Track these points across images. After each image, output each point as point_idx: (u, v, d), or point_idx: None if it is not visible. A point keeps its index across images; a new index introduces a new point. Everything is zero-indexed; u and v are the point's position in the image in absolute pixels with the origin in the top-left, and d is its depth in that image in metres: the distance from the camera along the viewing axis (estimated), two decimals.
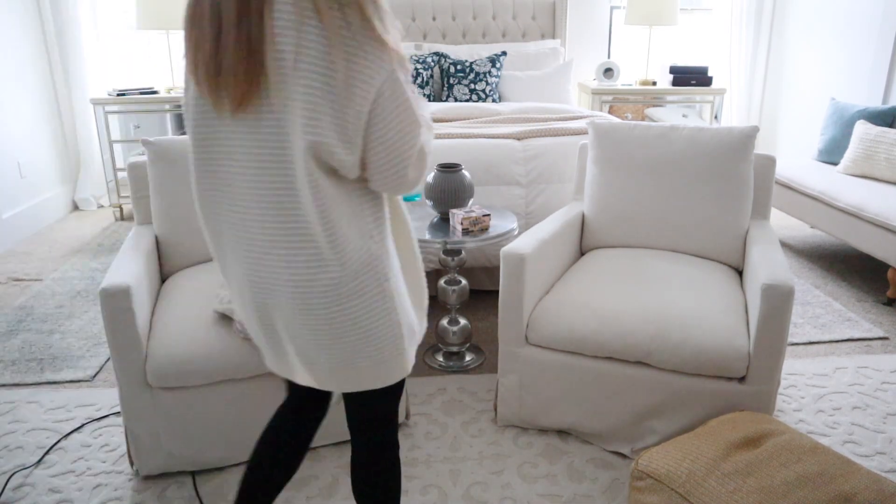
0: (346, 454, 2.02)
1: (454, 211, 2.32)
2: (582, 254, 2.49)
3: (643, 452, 1.63)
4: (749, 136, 2.18)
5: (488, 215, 2.30)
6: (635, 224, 2.32)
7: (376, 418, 1.35)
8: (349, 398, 1.35)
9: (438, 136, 2.99)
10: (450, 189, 2.33)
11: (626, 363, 1.95)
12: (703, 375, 1.87)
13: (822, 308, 3.02)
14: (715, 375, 1.86)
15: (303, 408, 1.45)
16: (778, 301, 1.75)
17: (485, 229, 2.30)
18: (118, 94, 4.43)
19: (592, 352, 1.96)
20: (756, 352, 1.80)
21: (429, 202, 2.42)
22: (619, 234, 2.36)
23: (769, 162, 2.30)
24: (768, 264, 1.89)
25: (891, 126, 3.54)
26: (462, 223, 2.27)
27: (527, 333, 2.06)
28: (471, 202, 2.31)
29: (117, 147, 4.69)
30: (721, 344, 1.82)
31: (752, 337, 1.83)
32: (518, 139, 3.00)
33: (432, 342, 2.73)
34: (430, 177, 2.39)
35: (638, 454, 1.98)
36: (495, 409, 2.19)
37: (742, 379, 1.85)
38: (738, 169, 2.18)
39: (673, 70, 4.79)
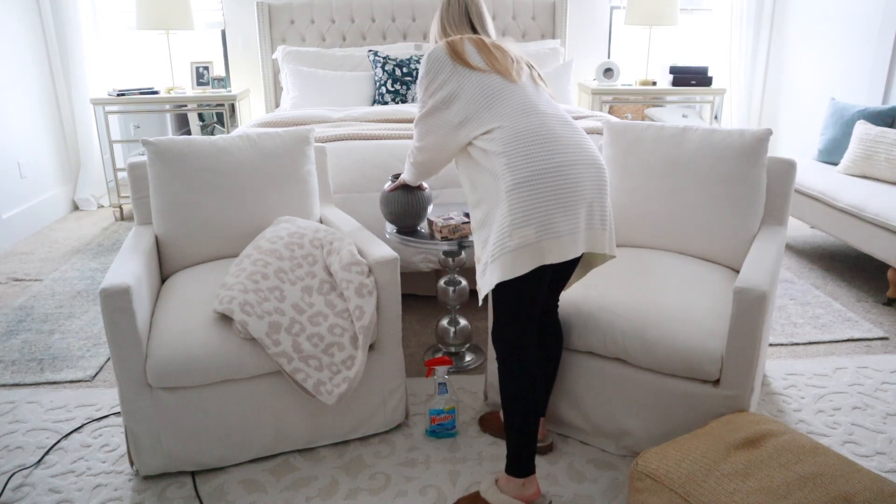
0: (345, 454, 2.03)
1: (432, 218, 2.30)
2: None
3: (643, 453, 1.63)
4: (762, 139, 2.13)
5: (468, 222, 2.23)
6: (642, 224, 2.31)
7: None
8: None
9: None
10: (406, 206, 2.26)
11: (605, 359, 1.96)
12: (677, 376, 1.86)
13: (822, 308, 3.02)
14: (689, 377, 1.84)
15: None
16: (749, 305, 1.72)
17: (465, 236, 2.25)
18: (118, 94, 4.43)
19: (573, 345, 1.98)
20: (728, 355, 1.78)
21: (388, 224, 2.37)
22: (625, 233, 2.36)
23: (788, 167, 2.21)
24: (751, 268, 1.86)
25: (891, 126, 3.54)
26: (441, 231, 2.22)
27: None
28: (430, 208, 2.31)
29: (117, 147, 4.70)
30: (695, 345, 1.80)
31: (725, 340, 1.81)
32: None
33: (432, 342, 2.73)
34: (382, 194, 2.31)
35: (621, 450, 2.00)
36: (485, 395, 2.24)
37: (716, 382, 1.83)
38: (749, 172, 2.14)
39: (673, 70, 4.79)
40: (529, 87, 1.74)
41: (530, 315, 1.69)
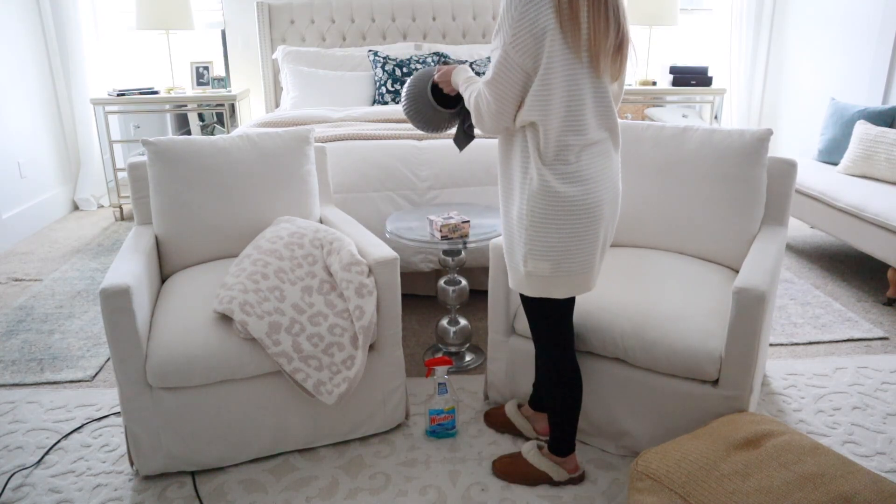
0: (346, 454, 2.03)
1: (432, 217, 2.31)
2: None
3: (643, 453, 1.63)
4: (762, 139, 2.13)
5: (467, 222, 2.29)
6: (643, 224, 2.31)
7: None
8: None
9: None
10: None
11: (604, 358, 1.97)
12: (676, 376, 1.86)
13: (822, 308, 3.02)
14: (688, 377, 1.84)
15: None
16: (748, 305, 1.71)
17: (464, 236, 2.28)
18: (118, 94, 4.43)
19: (574, 345, 1.97)
20: (728, 356, 1.77)
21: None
22: (626, 233, 2.36)
23: (789, 167, 2.19)
24: (751, 268, 1.85)
25: (891, 126, 3.54)
26: (441, 230, 2.25)
27: (513, 323, 2.10)
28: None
29: (117, 147, 4.70)
30: (694, 345, 1.80)
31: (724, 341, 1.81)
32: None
33: (432, 342, 2.73)
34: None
35: (621, 450, 2.00)
36: (486, 395, 2.25)
37: (715, 382, 1.82)
38: (749, 172, 2.14)
39: (673, 70, 4.79)
40: (603, 90, 1.54)
41: (562, 323, 1.73)
